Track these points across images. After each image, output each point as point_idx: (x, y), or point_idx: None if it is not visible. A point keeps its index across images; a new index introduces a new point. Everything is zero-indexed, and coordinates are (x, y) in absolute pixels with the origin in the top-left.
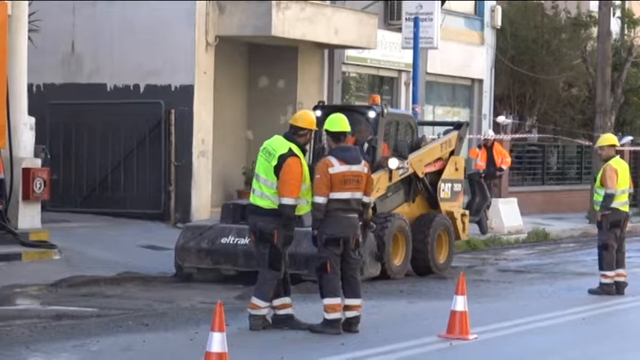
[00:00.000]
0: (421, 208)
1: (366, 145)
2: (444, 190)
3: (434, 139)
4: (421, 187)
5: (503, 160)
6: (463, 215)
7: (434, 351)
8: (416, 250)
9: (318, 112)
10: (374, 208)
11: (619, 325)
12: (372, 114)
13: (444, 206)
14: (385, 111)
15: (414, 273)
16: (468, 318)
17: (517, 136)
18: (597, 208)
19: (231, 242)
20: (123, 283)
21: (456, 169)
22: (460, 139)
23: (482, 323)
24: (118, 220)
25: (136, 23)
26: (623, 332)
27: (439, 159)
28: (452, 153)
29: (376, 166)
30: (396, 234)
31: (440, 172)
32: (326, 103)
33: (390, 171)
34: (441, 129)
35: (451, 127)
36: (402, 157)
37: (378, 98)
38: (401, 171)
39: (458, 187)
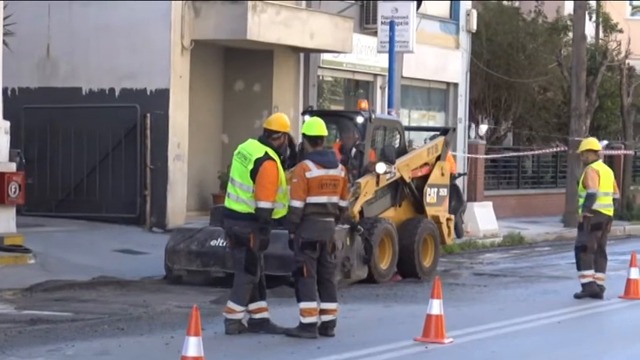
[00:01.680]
0: (407, 213)
1: (353, 150)
2: (430, 194)
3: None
4: (407, 192)
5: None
6: (448, 220)
7: (410, 355)
8: (402, 254)
9: (307, 117)
10: (361, 212)
11: (594, 329)
12: (359, 119)
13: (430, 211)
14: (373, 116)
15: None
16: (444, 322)
17: (511, 153)
18: (580, 210)
19: (221, 245)
20: (98, 288)
21: (442, 174)
22: (447, 144)
23: (457, 327)
24: (94, 224)
25: (112, 27)
26: (598, 335)
27: (425, 164)
28: (438, 158)
29: (363, 170)
30: (383, 238)
31: (426, 177)
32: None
33: (378, 175)
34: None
35: (437, 133)
36: (389, 161)
37: (366, 104)
38: (388, 175)
39: (444, 191)
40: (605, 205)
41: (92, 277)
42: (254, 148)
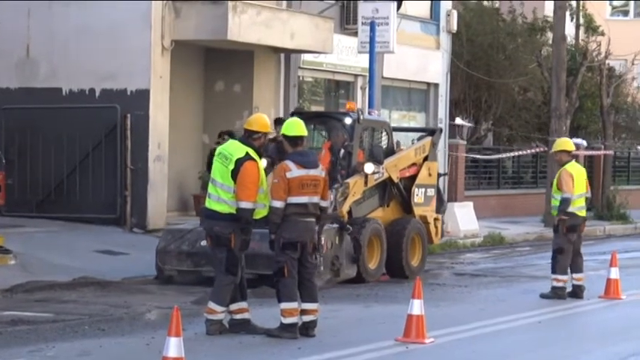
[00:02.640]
0: (395, 213)
1: (342, 151)
2: (418, 194)
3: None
4: (395, 192)
5: None
6: (436, 219)
7: (390, 355)
8: (390, 254)
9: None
10: (349, 212)
11: (574, 329)
12: (348, 120)
13: (418, 211)
14: (361, 117)
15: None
16: (425, 322)
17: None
18: (555, 213)
19: None
20: (79, 289)
21: (430, 175)
22: (434, 144)
23: (438, 327)
24: (74, 225)
25: (92, 27)
26: (578, 335)
27: (413, 164)
28: (426, 158)
29: (352, 171)
30: (372, 238)
31: (414, 177)
32: (303, 109)
33: (366, 175)
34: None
35: (424, 133)
36: (377, 162)
37: (354, 105)
38: (376, 176)
39: (431, 191)
40: (579, 207)
41: (73, 277)
42: (235, 149)
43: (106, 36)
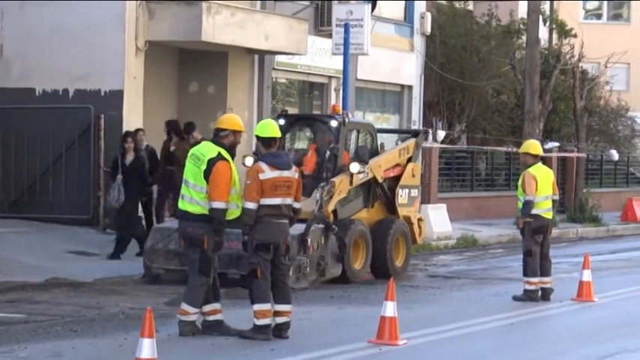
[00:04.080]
0: (380, 214)
1: (327, 153)
2: (402, 195)
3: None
4: (380, 193)
5: None
6: (419, 220)
7: (363, 356)
8: (375, 254)
9: (282, 121)
10: (335, 213)
11: (547, 331)
12: (334, 123)
13: (402, 211)
14: (347, 120)
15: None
16: (398, 323)
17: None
18: (520, 215)
19: None
20: (51, 289)
21: (413, 175)
22: (417, 146)
23: (411, 329)
24: (47, 226)
25: (66, 27)
26: (550, 337)
27: (397, 165)
28: (409, 160)
29: (337, 171)
30: (357, 239)
31: (397, 178)
32: (288, 112)
33: (352, 175)
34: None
35: (409, 135)
36: (362, 161)
37: (339, 107)
38: (361, 175)
39: (415, 192)
40: (545, 209)
41: (45, 278)
42: (207, 149)
43: (80, 37)
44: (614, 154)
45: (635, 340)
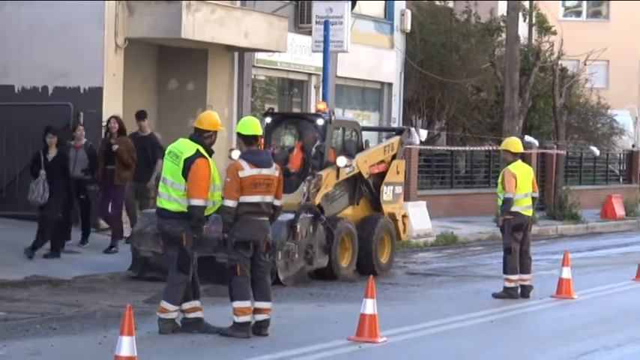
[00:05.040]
0: (365, 211)
1: (313, 151)
2: (386, 192)
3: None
4: (365, 190)
5: None
6: (404, 216)
7: (343, 354)
8: (360, 251)
9: (268, 119)
10: (321, 209)
11: (526, 328)
12: (320, 121)
13: (387, 208)
14: (333, 118)
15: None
16: (377, 321)
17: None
18: (499, 212)
19: None
20: (30, 287)
21: (398, 172)
22: (401, 143)
23: (391, 326)
24: (26, 223)
25: (45, 24)
26: (530, 335)
27: (382, 162)
28: (394, 157)
29: (324, 167)
30: (344, 237)
31: (381, 175)
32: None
33: (338, 169)
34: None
35: (393, 133)
36: (349, 155)
37: (325, 105)
38: (348, 169)
39: (399, 189)
40: (524, 207)
41: (24, 276)
42: (185, 147)
43: (59, 34)
44: (595, 151)
45: (614, 338)
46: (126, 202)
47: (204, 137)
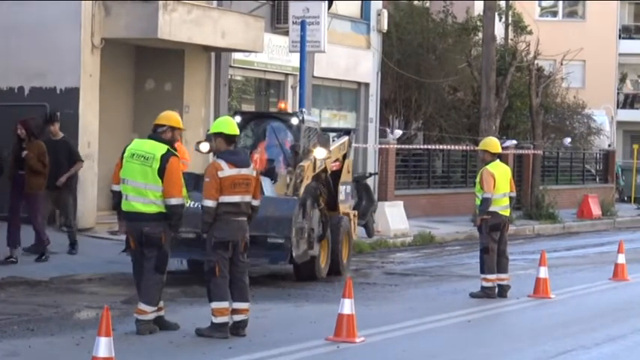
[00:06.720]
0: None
1: (288, 151)
2: (340, 192)
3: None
4: (323, 190)
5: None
6: (354, 216)
7: (321, 354)
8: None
9: (238, 118)
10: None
11: (503, 327)
12: (294, 121)
13: (342, 208)
14: (305, 117)
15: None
16: (355, 321)
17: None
18: (477, 212)
19: (192, 205)
20: (7, 288)
21: (348, 172)
22: (350, 143)
23: (369, 326)
24: (2, 224)
25: (21, 24)
26: (507, 334)
27: (337, 160)
28: (344, 157)
29: (299, 159)
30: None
31: (337, 174)
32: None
33: (315, 161)
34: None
35: (342, 132)
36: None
37: (285, 104)
38: (319, 162)
39: (348, 188)
40: (502, 206)
41: (1, 277)
42: (152, 147)
43: (36, 34)
44: (567, 141)
45: (591, 337)
46: (60, 206)
47: (158, 132)
